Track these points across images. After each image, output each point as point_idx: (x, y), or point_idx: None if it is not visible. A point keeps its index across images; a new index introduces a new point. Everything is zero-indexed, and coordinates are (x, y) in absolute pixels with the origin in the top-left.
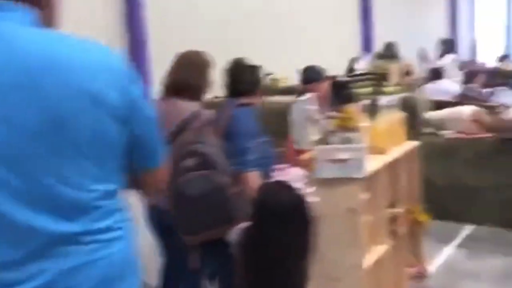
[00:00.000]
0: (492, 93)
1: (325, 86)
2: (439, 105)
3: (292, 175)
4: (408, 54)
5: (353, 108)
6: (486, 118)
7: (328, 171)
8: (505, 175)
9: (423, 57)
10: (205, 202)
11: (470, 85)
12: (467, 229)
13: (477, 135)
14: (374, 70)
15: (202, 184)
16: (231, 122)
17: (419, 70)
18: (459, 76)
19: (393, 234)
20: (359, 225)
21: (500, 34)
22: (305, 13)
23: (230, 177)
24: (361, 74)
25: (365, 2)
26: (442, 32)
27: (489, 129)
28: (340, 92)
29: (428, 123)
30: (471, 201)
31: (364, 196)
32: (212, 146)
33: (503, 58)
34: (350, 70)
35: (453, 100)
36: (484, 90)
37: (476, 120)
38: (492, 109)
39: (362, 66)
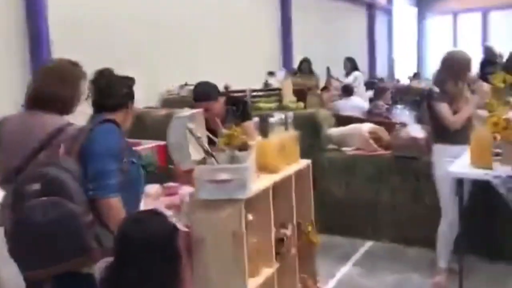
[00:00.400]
0: (392, 111)
1: (219, 103)
2: (349, 120)
3: (170, 200)
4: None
5: (246, 126)
6: (383, 135)
7: (209, 192)
8: (400, 192)
9: (328, 75)
10: (52, 231)
11: (377, 102)
12: (366, 246)
13: (375, 152)
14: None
15: (49, 211)
16: (88, 141)
17: (334, 87)
18: (364, 92)
19: (281, 255)
20: (243, 248)
21: (414, 53)
22: (223, 27)
23: (85, 203)
24: (269, 90)
25: (286, 19)
26: (362, 49)
27: (385, 146)
28: (236, 109)
29: (330, 139)
30: (370, 217)
31: (249, 217)
32: (66, 168)
33: (415, 76)
34: (266, 85)
35: (362, 117)
36: (388, 107)
37: (373, 137)
38: (390, 127)
39: (275, 81)
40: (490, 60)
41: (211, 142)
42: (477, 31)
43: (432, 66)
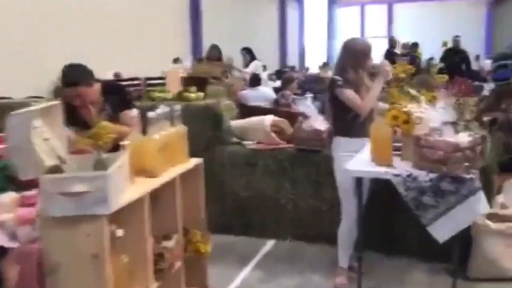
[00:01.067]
0: (296, 101)
1: (94, 90)
2: (256, 111)
3: (25, 212)
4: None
5: (125, 118)
6: (286, 128)
7: (60, 208)
8: (301, 187)
9: (229, 65)
10: None
11: (284, 92)
12: (268, 245)
13: (277, 145)
14: (194, 74)
15: None
16: None
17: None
18: (267, 82)
19: (162, 272)
20: (104, 273)
21: (324, 42)
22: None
23: None
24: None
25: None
26: (273, 38)
27: (288, 139)
28: (114, 99)
29: (233, 132)
30: (272, 215)
31: (118, 233)
32: None
33: (324, 65)
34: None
35: (268, 107)
36: (294, 98)
37: (275, 130)
38: (294, 118)
39: (181, 68)
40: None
41: None
42: (383, 22)
43: None
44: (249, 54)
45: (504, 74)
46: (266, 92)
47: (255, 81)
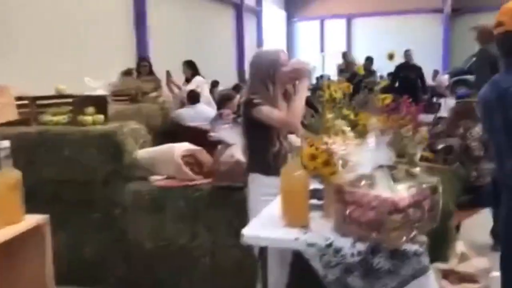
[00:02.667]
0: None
1: None
2: (191, 132)
3: None
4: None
5: None
6: (204, 158)
7: None
8: (221, 234)
9: (168, 80)
10: None
11: (222, 111)
12: None
13: (191, 181)
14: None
15: None
16: None
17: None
18: (211, 100)
19: None
20: None
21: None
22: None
23: None
24: (61, 97)
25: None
26: (229, 51)
27: (207, 173)
28: None
29: (139, 164)
30: (186, 269)
31: None
32: None
33: None
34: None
35: (205, 128)
36: (235, 117)
37: (190, 162)
38: (212, 147)
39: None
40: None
41: None
42: (342, 36)
43: None
44: (190, 68)
45: (466, 92)
46: (205, 110)
47: (193, 98)
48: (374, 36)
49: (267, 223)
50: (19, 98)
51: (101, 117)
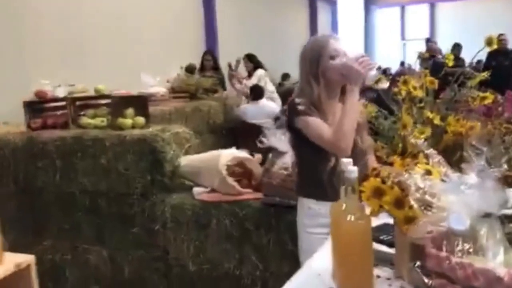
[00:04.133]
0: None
1: None
2: (256, 131)
3: None
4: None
5: None
6: (255, 168)
7: None
8: (273, 259)
9: (231, 75)
10: None
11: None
12: None
13: (238, 196)
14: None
15: None
16: None
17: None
18: (276, 96)
19: None
20: None
21: (361, 47)
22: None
23: None
24: (99, 97)
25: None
26: (302, 43)
27: (257, 186)
28: None
29: (183, 174)
30: None
31: None
32: None
33: None
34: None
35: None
36: None
37: (237, 173)
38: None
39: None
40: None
41: None
42: (425, 23)
43: (381, 61)
44: (251, 62)
45: None
46: (268, 107)
47: (256, 93)
48: (460, 21)
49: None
50: (59, 100)
51: (141, 119)
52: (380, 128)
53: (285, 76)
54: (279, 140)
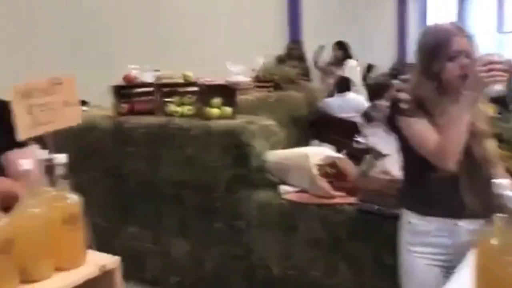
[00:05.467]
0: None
1: None
2: (342, 126)
3: None
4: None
5: (10, 166)
6: (349, 169)
7: None
8: (367, 271)
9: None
10: None
11: (376, 103)
12: None
13: (330, 199)
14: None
15: None
16: None
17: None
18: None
19: None
20: None
21: None
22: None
23: None
24: (186, 85)
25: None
26: (389, 33)
27: (351, 189)
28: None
29: (269, 169)
30: None
31: None
32: None
33: None
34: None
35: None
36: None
37: (329, 174)
38: (360, 156)
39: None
40: None
41: None
42: None
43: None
44: (342, 50)
45: None
46: (355, 100)
47: (342, 85)
48: None
49: None
50: (142, 85)
51: (228, 109)
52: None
53: (370, 68)
54: (381, 140)
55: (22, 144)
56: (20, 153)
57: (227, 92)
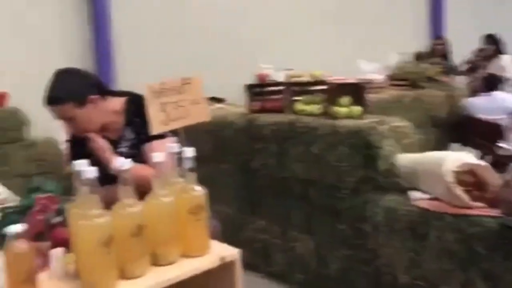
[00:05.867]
0: None
1: (83, 111)
2: (490, 129)
3: None
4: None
5: (149, 155)
6: (490, 178)
7: None
8: (504, 285)
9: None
10: None
11: None
12: None
13: (467, 210)
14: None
15: None
16: None
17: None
18: None
19: None
20: None
21: None
22: None
23: None
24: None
25: None
26: None
27: (491, 200)
28: (138, 122)
29: (397, 173)
30: None
31: None
32: None
33: None
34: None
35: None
36: None
37: (467, 183)
38: (505, 163)
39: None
40: None
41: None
42: None
43: None
44: (493, 44)
45: None
46: (505, 100)
47: (491, 83)
48: None
49: None
50: (277, 84)
51: (357, 109)
52: None
53: None
54: None
55: (161, 136)
56: (159, 144)
57: (357, 91)
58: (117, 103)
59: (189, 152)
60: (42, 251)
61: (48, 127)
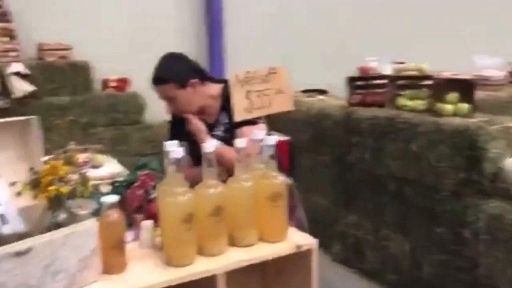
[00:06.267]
0: None
1: (185, 92)
2: None
3: None
4: None
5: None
6: None
7: None
8: None
9: None
10: None
11: None
12: None
13: None
14: None
15: None
16: None
17: None
18: None
19: None
20: None
21: None
22: None
23: None
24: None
25: None
26: None
27: None
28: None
29: (504, 178)
30: None
31: None
32: None
33: None
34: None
35: None
36: None
37: None
38: None
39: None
40: None
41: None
42: None
43: None
44: None
45: None
46: None
47: None
48: None
49: None
50: (380, 77)
51: (465, 106)
52: None
53: None
54: None
55: (253, 122)
56: (249, 130)
57: (466, 88)
58: (214, 89)
59: (272, 140)
60: (137, 223)
61: (162, 111)
